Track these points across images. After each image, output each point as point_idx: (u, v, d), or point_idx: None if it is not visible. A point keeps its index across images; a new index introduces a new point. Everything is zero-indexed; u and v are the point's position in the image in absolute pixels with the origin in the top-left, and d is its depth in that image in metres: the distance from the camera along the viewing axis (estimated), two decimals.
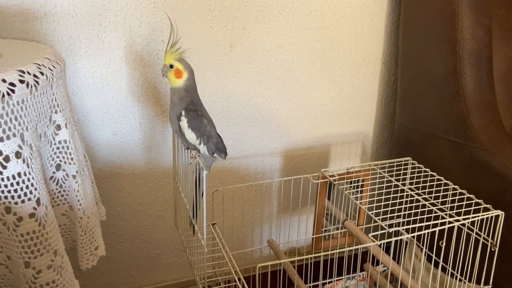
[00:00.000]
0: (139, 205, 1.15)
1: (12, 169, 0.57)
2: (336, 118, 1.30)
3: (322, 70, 1.23)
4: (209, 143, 0.81)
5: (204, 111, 0.84)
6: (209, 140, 0.81)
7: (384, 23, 1.26)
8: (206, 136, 0.80)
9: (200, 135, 0.80)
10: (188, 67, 0.81)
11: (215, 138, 0.83)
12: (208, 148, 0.81)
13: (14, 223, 0.58)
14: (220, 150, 0.84)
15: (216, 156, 0.83)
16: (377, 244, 0.89)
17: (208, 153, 0.82)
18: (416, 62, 1.16)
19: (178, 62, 0.80)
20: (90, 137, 1.05)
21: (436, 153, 1.12)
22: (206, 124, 0.80)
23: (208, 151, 0.82)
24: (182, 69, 0.80)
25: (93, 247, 0.75)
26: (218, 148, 0.83)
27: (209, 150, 0.82)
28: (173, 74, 0.80)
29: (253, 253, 1.32)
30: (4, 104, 0.55)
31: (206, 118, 0.81)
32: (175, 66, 0.79)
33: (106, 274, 1.18)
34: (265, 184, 1.24)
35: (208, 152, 0.82)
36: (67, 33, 0.96)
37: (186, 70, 0.80)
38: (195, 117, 0.79)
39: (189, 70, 0.81)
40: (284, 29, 1.14)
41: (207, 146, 0.81)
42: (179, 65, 0.79)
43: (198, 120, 0.79)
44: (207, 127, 0.80)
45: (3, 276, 0.63)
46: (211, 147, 0.81)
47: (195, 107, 0.80)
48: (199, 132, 0.80)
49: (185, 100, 0.81)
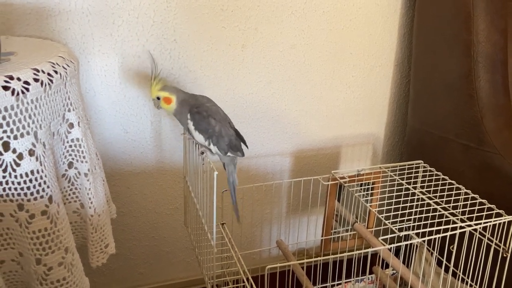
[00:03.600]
0: (149, 203, 1.16)
1: (25, 167, 0.58)
2: (347, 120, 1.29)
3: (334, 71, 1.22)
4: (220, 143, 0.81)
5: (212, 110, 0.83)
6: (219, 140, 0.81)
7: (398, 25, 1.25)
8: (215, 136, 0.80)
9: (208, 137, 0.81)
10: (173, 90, 0.84)
11: (226, 137, 0.82)
12: (219, 148, 0.81)
13: (27, 220, 0.59)
14: (235, 148, 0.82)
15: (230, 155, 0.83)
16: (387, 248, 0.88)
17: (220, 152, 0.82)
18: (429, 65, 1.15)
19: (162, 91, 0.83)
20: (102, 135, 1.06)
21: (448, 157, 1.11)
22: (214, 124, 0.80)
23: (220, 151, 0.82)
24: (168, 94, 0.83)
25: (103, 245, 0.76)
26: (231, 147, 0.82)
27: (221, 150, 0.81)
28: (164, 103, 0.83)
29: (261, 253, 1.32)
30: (18, 102, 0.56)
31: (213, 118, 0.81)
32: (162, 96, 0.83)
33: (116, 271, 1.19)
34: (275, 185, 1.24)
35: (220, 151, 0.82)
36: (81, 32, 0.97)
37: (172, 93, 0.83)
38: (201, 119, 0.80)
39: (175, 91, 0.84)
40: (296, 30, 1.14)
41: (218, 146, 0.81)
42: (164, 93, 0.83)
43: (205, 121, 0.80)
44: (215, 127, 0.80)
45: (14, 272, 0.64)
46: (222, 146, 0.81)
47: (199, 109, 0.81)
48: (206, 134, 0.81)
49: (186, 108, 0.83)
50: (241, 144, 0.85)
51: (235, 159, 0.86)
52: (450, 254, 0.90)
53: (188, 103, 0.83)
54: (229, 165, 0.86)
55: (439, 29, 1.10)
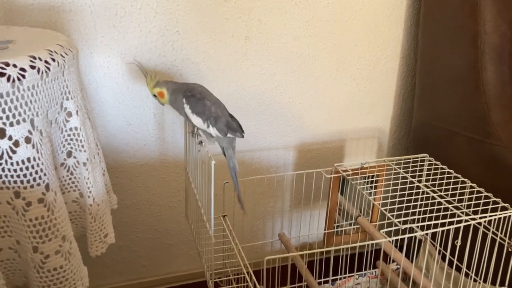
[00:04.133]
0: (152, 196, 1.16)
1: (21, 154, 0.57)
2: (352, 113, 1.28)
3: (338, 64, 1.21)
4: (218, 124, 0.80)
5: (206, 93, 0.84)
6: (217, 121, 0.80)
7: (404, 16, 1.23)
8: (212, 117, 0.80)
9: (206, 118, 0.81)
10: (162, 83, 0.86)
11: (224, 118, 0.81)
12: (218, 129, 0.81)
13: (23, 208, 0.59)
14: (234, 129, 0.82)
15: (230, 136, 0.82)
16: (389, 241, 0.87)
17: (220, 134, 0.81)
18: (435, 57, 1.13)
19: (155, 88, 0.86)
20: (105, 127, 1.06)
21: (454, 150, 1.09)
22: (209, 105, 0.80)
23: (220, 132, 0.81)
24: (159, 89, 0.86)
25: (102, 235, 0.76)
26: (230, 128, 0.81)
27: (220, 131, 0.81)
28: (160, 98, 0.87)
29: (264, 246, 1.31)
30: (14, 89, 0.56)
31: (208, 100, 0.81)
32: (156, 92, 0.86)
33: (119, 263, 1.19)
34: (277, 178, 1.23)
35: (220, 133, 0.81)
36: (83, 23, 0.97)
37: (162, 87, 0.86)
38: (196, 102, 0.80)
39: (164, 84, 0.86)
40: (300, 21, 1.13)
41: (217, 128, 0.81)
42: (156, 89, 0.86)
43: (200, 103, 0.80)
44: (211, 108, 0.80)
45: (12, 261, 0.64)
46: (221, 127, 0.81)
47: (192, 92, 0.82)
48: (204, 116, 0.81)
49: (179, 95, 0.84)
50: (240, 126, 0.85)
51: (233, 142, 0.85)
52: (454, 249, 0.88)
53: (180, 90, 0.85)
54: (228, 149, 0.85)
55: (445, 20, 1.08)
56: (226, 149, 0.86)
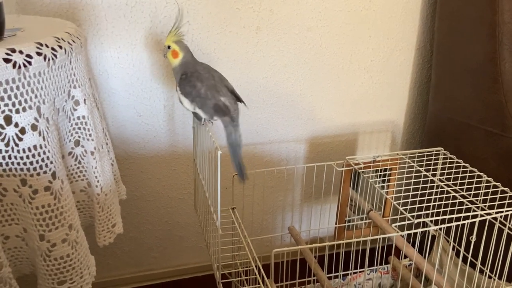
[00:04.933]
0: (162, 188, 1.16)
1: (28, 141, 0.57)
2: (365, 106, 1.25)
3: (351, 55, 1.18)
4: (205, 107, 0.79)
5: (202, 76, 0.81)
6: (203, 104, 0.79)
7: (420, 7, 1.20)
8: (199, 99, 0.79)
9: (192, 100, 0.80)
10: (184, 48, 0.85)
11: (212, 100, 0.79)
12: (204, 112, 0.80)
13: (30, 196, 0.59)
14: (221, 113, 0.79)
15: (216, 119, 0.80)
16: (401, 236, 0.85)
17: (207, 116, 0.80)
18: (452, 48, 1.10)
19: (175, 44, 0.84)
20: (115, 118, 1.06)
21: (470, 144, 1.06)
22: (199, 87, 0.79)
23: (206, 114, 0.80)
24: (178, 50, 0.84)
25: (110, 224, 0.75)
26: (217, 111, 0.78)
27: (206, 113, 0.80)
28: (171, 55, 0.85)
29: (274, 240, 1.30)
30: (20, 76, 0.55)
31: (200, 82, 0.80)
32: (172, 47, 0.84)
33: (130, 254, 1.20)
34: (288, 171, 1.22)
35: (206, 115, 0.80)
36: (94, 13, 0.96)
37: (181, 50, 0.84)
38: (185, 84, 0.81)
39: (185, 50, 0.85)
40: (313, 12, 1.11)
41: (203, 110, 0.80)
42: (175, 46, 0.84)
43: (190, 85, 0.80)
44: (200, 90, 0.79)
45: (19, 249, 0.64)
46: (207, 110, 0.79)
47: (187, 75, 0.82)
48: (190, 97, 0.80)
49: (180, 73, 0.84)
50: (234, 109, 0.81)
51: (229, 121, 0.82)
52: (469, 244, 0.86)
53: (185, 67, 0.84)
54: (227, 126, 0.82)
55: (463, 10, 1.05)
56: (225, 126, 0.83)
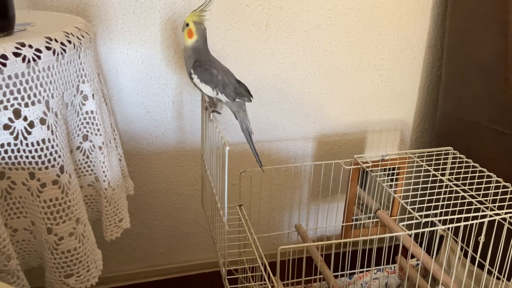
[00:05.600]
0: (170, 184, 1.16)
1: (36, 135, 0.58)
2: (374, 104, 1.24)
3: (361, 53, 1.18)
4: (226, 90, 0.85)
5: (215, 65, 0.87)
6: (225, 88, 0.85)
7: (431, 5, 1.19)
8: (220, 85, 0.85)
9: (214, 86, 0.85)
10: (200, 32, 0.86)
11: (231, 85, 0.86)
12: (227, 95, 0.86)
13: (38, 189, 0.59)
14: (241, 95, 0.87)
15: (239, 100, 0.87)
16: (409, 235, 0.84)
17: (229, 99, 0.86)
18: (463, 47, 1.09)
19: (193, 24, 0.85)
20: (124, 114, 1.06)
21: (480, 144, 1.05)
22: (216, 74, 0.85)
23: (228, 97, 0.86)
24: (194, 31, 0.85)
25: (117, 219, 0.76)
26: (238, 93, 0.86)
27: (229, 97, 0.86)
28: (186, 33, 0.86)
29: (280, 238, 1.30)
30: (29, 70, 0.56)
31: (215, 69, 0.85)
32: (189, 26, 0.85)
33: (137, 249, 1.20)
34: (295, 169, 1.22)
35: (229, 98, 0.86)
36: (104, 9, 0.97)
37: (197, 33, 0.85)
38: (203, 71, 0.85)
39: (200, 34, 0.86)
40: (322, 9, 1.10)
41: (225, 94, 0.85)
42: (192, 26, 0.85)
43: (207, 72, 0.85)
44: (218, 76, 0.85)
45: (27, 241, 0.65)
46: (229, 93, 0.85)
47: (201, 63, 0.86)
48: (212, 83, 0.85)
49: (192, 58, 0.86)
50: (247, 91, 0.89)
51: (243, 105, 0.89)
52: (477, 245, 0.85)
53: (198, 53, 0.86)
54: (238, 112, 0.89)
55: (474, 8, 1.04)
56: (237, 112, 0.89)
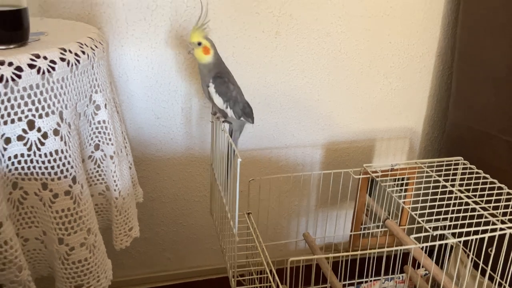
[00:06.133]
0: (178, 190, 1.16)
1: (49, 146, 0.58)
2: (383, 112, 1.24)
3: (371, 61, 1.17)
4: (235, 107, 0.88)
5: (232, 79, 0.89)
6: (235, 105, 0.88)
7: (442, 13, 1.18)
8: (232, 100, 0.87)
9: (227, 100, 0.87)
10: (213, 45, 0.87)
11: (241, 103, 0.89)
12: (234, 112, 0.88)
13: (50, 200, 0.59)
14: (247, 115, 0.90)
15: (243, 119, 0.89)
16: (419, 247, 0.84)
17: (235, 116, 0.88)
18: (474, 56, 1.08)
19: (205, 40, 0.85)
20: (133, 120, 1.07)
21: (491, 154, 1.04)
22: (232, 89, 0.87)
23: (235, 114, 0.88)
24: (210, 46, 0.86)
25: (127, 228, 0.76)
26: (244, 113, 0.89)
27: (236, 113, 0.88)
28: (201, 51, 0.86)
29: (288, 246, 1.29)
30: (44, 81, 0.56)
31: (232, 84, 0.88)
32: (203, 44, 0.85)
33: (144, 254, 1.20)
34: (304, 177, 1.21)
35: (235, 115, 0.88)
36: (115, 16, 0.97)
37: (212, 47, 0.86)
38: (221, 83, 0.86)
39: (214, 47, 0.87)
40: (333, 17, 1.10)
41: (233, 110, 0.88)
42: (206, 42, 0.85)
43: (225, 86, 0.86)
44: (233, 92, 0.87)
45: (38, 251, 0.65)
46: (237, 111, 0.88)
47: (222, 75, 0.87)
48: (225, 97, 0.87)
49: (213, 71, 0.87)
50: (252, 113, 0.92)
51: (243, 125, 0.93)
52: (488, 257, 0.84)
53: (218, 66, 0.87)
54: (236, 130, 0.93)
55: (486, 17, 1.03)
56: (234, 130, 0.93)
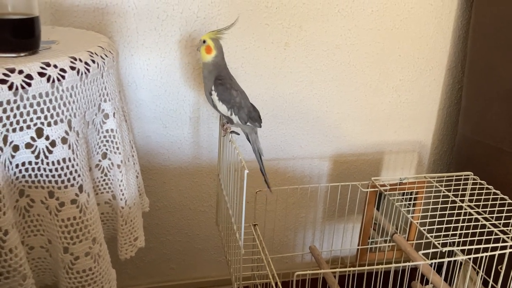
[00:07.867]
0: (184, 199, 1.16)
1: (57, 154, 0.58)
2: (392, 125, 1.23)
3: (380, 74, 1.17)
4: (240, 113, 0.88)
5: (234, 83, 0.89)
6: (240, 110, 0.87)
7: (452, 27, 1.18)
8: (236, 107, 0.87)
9: (231, 107, 0.87)
10: (218, 47, 0.87)
11: (246, 108, 0.89)
12: (240, 117, 0.88)
13: (56, 208, 0.59)
14: (253, 119, 0.89)
15: (249, 124, 0.89)
16: (428, 263, 0.83)
17: (240, 122, 0.88)
18: (485, 70, 1.07)
19: (211, 40, 0.86)
20: (142, 129, 1.07)
21: (501, 169, 1.03)
22: (235, 95, 0.87)
23: (240, 120, 0.88)
24: (213, 47, 0.86)
25: (132, 238, 0.75)
26: (250, 117, 0.89)
27: (241, 119, 0.88)
28: (204, 50, 0.87)
29: (294, 258, 1.28)
30: (53, 90, 0.56)
31: (235, 90, 0.87)
32: (207, 43, 0.86)
33: (148, 264, 1.20)
34: (311, 189, 1.20)
35: (241, 121, 0.88)
36: (126, 25, 0.98)
37: (215, 48, 0.87)
38: (224, 90, 0.86)
39: (218, 49, 0.87)
40: (342, 29, 1.10)
41: (239, 116, 0.88)
42: (210, 42, 0.86)
43: (227, 92, 0.86)
44: (236, 98, 0.87)
45: (43, 259, 0.65)
46: (242, 116, 0.88)
47: (223, 81, 0.87)
48: (229, 104, 0.87)
49: (213, 74, 0.87)
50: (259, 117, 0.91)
51: (255, 128, 0.92)
52: (498, 274, 0.83)
53: (218, 69, 0.87)
54: (251, 133, 0.92)
55: (497, 32, 1.03)
56: (249, 133, 0.92)
